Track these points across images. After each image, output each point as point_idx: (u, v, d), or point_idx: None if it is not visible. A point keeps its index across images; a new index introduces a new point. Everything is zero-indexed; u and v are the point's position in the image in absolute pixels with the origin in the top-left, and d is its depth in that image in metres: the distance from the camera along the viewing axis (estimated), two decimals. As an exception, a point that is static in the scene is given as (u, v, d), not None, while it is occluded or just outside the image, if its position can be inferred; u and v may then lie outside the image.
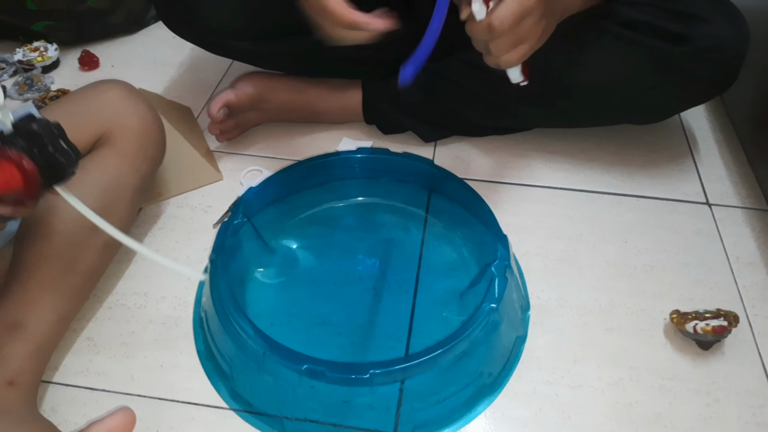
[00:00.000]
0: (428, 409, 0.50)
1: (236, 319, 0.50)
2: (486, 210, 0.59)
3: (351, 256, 0.64)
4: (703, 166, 0.75)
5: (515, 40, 0.49)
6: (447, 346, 0.47)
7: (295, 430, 0.50)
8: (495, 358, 0.53)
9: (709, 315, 0.55)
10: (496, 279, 0.51)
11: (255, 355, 0.48)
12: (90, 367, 0.56)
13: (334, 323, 0.58)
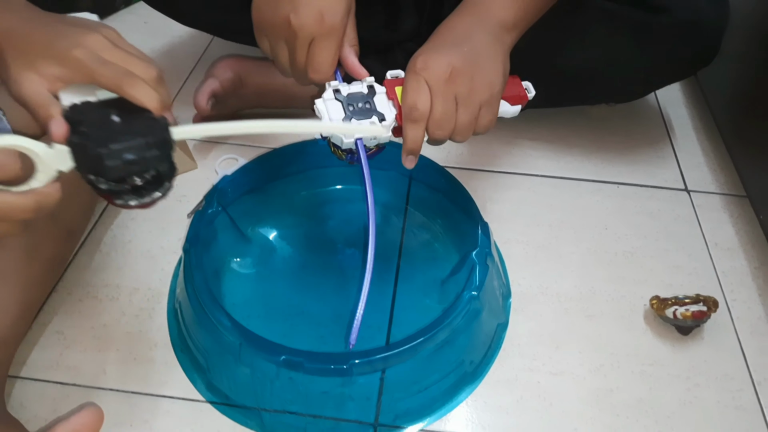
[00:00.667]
0: (409, 399, 0.50)
1: (211, 311, 0.48)
2: (466, 198, 0.58)
3: (330, 246, 0.63)
4: (681, 153, 0.75)
5: (446, 127, 0.44)
6: (427, 335, 0.46)
7: (274, 423, 0.49)
8: (476, 346, 0.53)
9: (688, 300, 0.55)
10: (476, 267, 0.51)
11: (231, 348, 0.47)
12: (60, 361, 0.54)
13: (313, 314, 0.57)
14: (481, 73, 0.44)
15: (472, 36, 0.46)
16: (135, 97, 0.35)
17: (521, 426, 0.50)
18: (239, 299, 0.58)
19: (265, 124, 0.40)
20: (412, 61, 0.45)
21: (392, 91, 0.46)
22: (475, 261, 0.51)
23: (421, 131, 0.45)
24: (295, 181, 0.66)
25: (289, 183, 0.66)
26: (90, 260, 0.62)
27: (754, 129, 0.71)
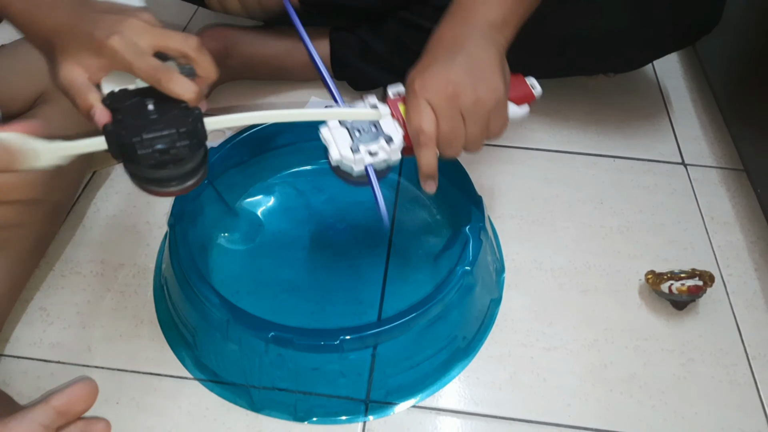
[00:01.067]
0: (401, 375, 0.49)
1: (198, 287, 0.47)
2: (460, 171, 0.57)
3: (320, 221, 0.61)
4: (678, 126, 0.74)
5: (457, 144, 0.43)
6: (420, 310, 0.45)
7: (263, 399, 0.48)
8: (469, 321, 0.52)
9: (684, 275, 0.54)
10: (470, 241, 0.50)
11: (219, 324, 0.46)
12: (43, 338, 0.53)
13: (304, 289, 0.56)
14: (482, 81, 0.42)
15: (464, 44, 0.44)
16: (170, 89, 0.36)
17: (514, 402, 0.49)
18: (227, 275, 0.57)
19: (300, 112, 0.41)
20: (410, 83, 0.43)
21: (396, 110, 0.44)
22: (469, 235, 0.50)
23: (432, 154, 0.43)
24: (283, 155, 0.64)
25: (278, 156, 0.64)
26: (73, 235, 0.60)
27: (752, 102, 0.70)
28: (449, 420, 0.48)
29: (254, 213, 0.62)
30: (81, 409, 0.40)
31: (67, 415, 0.39)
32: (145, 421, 0.48)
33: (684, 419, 0.48)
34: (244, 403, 0.49)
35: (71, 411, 0.39)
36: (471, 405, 0.49)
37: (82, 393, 0.40)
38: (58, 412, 0.38)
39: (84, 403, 0.40)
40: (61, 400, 0.39)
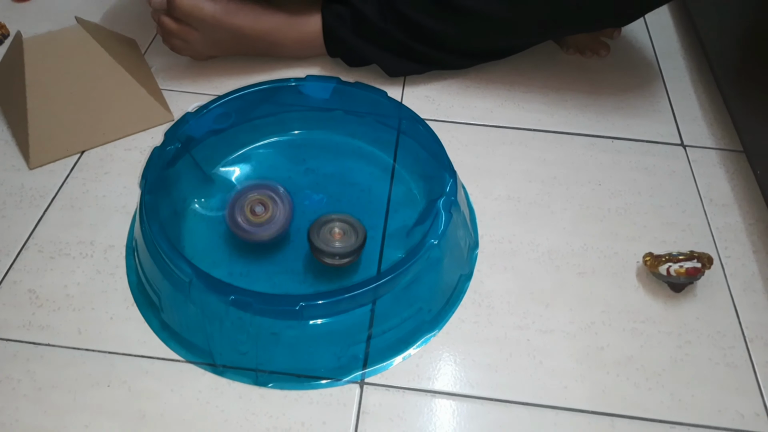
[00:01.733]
0: (362, 345, 0.49)
1: (162, 248, 0.47)
2: (438, 145, 0.56)
3: (298, 191, 0.60)
4: (678, 107, 0.73)
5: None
6: (384, 278, 0.45)
7: (225, 363, 0.48)
8: (435, 294, 0.52)
9: (682, 257, 0.54)
10: (441, 214, 0.49)
11: (181, 286, 0.46)
12: (32, 321, 0.52)
13: (275, 260, 0.55)
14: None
15: None
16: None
17: (510, 384, 0.49)
18: (199, 241, 0.56)
19: None
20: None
21: None
22: (440, 208, 0.50)
23: None
24: (263, 125, 0.63)
25: (258, 126, 0.63)
26: (62, 216, 0.59)
27: (752, 83, 0.69)
28: (445, 402, 0.48)
29: (230, 180, 0.61)
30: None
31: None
32: (137, 404, 0.47)
33: (681, 402, 0.48)
34: (207, 367, 0.49)
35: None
36: (467, 387, 0.49)
37: None
38: None
39: None
40: None
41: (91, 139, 0.64)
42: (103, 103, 0.64)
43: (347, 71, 0.74)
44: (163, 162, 0.54)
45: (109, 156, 0.64)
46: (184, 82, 0.73)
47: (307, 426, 0.46)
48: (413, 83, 0.74)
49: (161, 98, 0.69)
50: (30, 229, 0.58)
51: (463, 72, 0.75)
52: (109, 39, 0.70)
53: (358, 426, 0.46)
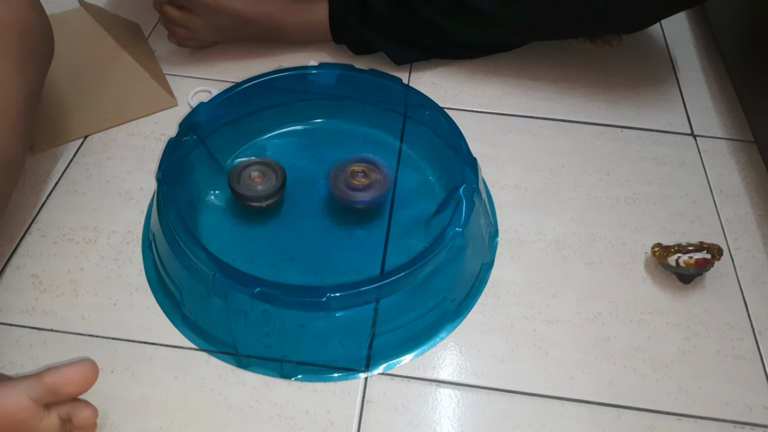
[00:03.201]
0: (389, 334, 0.48)
1: (185, 242, 0.46)
2: (457, 134, 0.55)
3: (312, 182, 0.59)
4: (688, 96, 0.72)
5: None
6: (409, 270, 0.44)
7: (250, 356, 0.48)
8: (459, 283, 0.51)
9: (692, 248, 0.53)
10: (463, 202, 0.49)
11: (205, 279, 0.45)
12: (36, 306, 0.51)
13: (290, 252, 0.54)
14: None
15: None
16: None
17: (517, 374, 0.48)
18: (215, 233, 0.55)
19: None
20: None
21: None
22: (462, 196, 0.49)
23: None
24: (276, 114, 0.62)
25: (270, 116, 0.62)
26: (65, 201, 0.59)
27: (764, 72, 0.68)
28: (451, 392, 0.47)
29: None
30: (73, 392, 0.38)
31: (57, 395, 0.38)
32: (141, 390, 0.47)
33: (688, 393, 0.48)
34: (230, 359, 0.48)
35: (62, 391, 0.38)
36: (473, 377, 0.48)
37: (77, 376, 0.38)
38: (49, 390, 0.37)
39: (77, 386, 0.38)
40: (54, 378, 0.38)
41: (95, 123, 0.64)
42: (106, 88, 0.64)
43: (352, 58, 0.73)
44: (179, 153, 0.53)
45: (112, 141, 0.64)
46: (187, 67, 0.72)
47: (311, 414, 0.46)
48: (420, 70, 0.73)
49: (165, 83, 0.68)
50: (33, 213, 0.57)
51: (471, 59, 0.74)
52: (113, 23, 0.69)
53: (362, 415, 0.46)
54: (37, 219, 0.57)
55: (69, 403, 0.39)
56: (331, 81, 0.61)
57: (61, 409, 0.39)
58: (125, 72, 0.64)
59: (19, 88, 0.48)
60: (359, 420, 0.46)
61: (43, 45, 0.51)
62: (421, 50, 0.71)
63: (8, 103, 0.47)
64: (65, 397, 0.38)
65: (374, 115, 0.62)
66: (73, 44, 0.63)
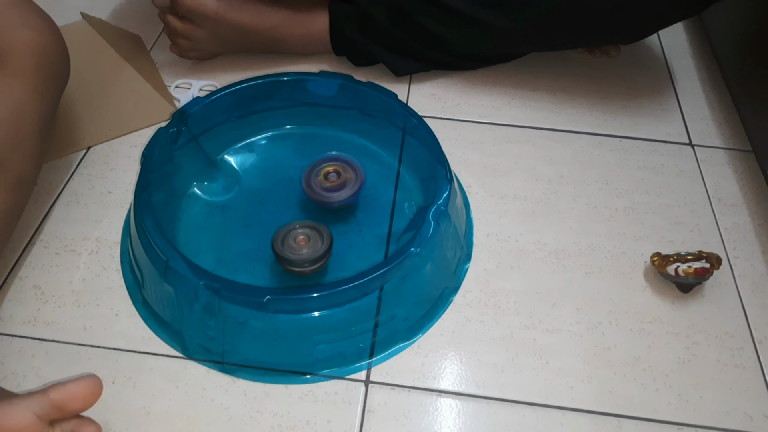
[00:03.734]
0: (332, 344, 0.48)
1: (147, 225, 0.48)
2: (437, 149, 0.55)
3: (298, 185, 0.59)
4: (686, 105, 0.73)
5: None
6: (353, 284, 0.45)
7: (194, 345, 0.49)
8: (412, 304, 0.50)
9: (691, 257, 0.53)
10: (429, 223, 0.49)
11: (159, 265, 0.47)
12: (38, 317, 0.52)
13: (261, 251, 0.55)
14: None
15: None
16: None
17: (516, 384, 0.49)
18: (194, 225, 0.57)
19: None
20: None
21: None
22: (426, 217, 0.49)
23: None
24: (271, 117, 0.63)
25: (266, 117, 0.63)
26: (68, 212, 0.59)
27: (762, 81, 0.68)
28: (451, 401, 0.48)
29: (234, 167, 0.62)
30: (78, 407, 0.38)
31: (62, 411, 0.38)
32: (142, 400, 0.47)
33: (688, 403, 0.48)
34: (177, 347, 0.49)
35: (68, 407, 0.38)
36: (473, 387, 0.48)
37: (83, 391, 0.38)
38: (54, 406, 0.37)
39: (83, 401, 0.39)
40: (60, 394, 0.38)
41: (97, 135, 0.64)
42: (108, 99, 0.64)
43: (352, 69, 0.74)
44: (166, 141, 0.54)
45: (114, 152, 0.64)
46: (189, 78, 0.72)
47: (311, 424, 0.46)
48: (419, 81, 0.74)
49: (167, 94, 0.69)
50: (36, 225, 0.58)
51: (470, 70, 0.75)
52: (115, 35, 0.70)
53: (363, 425, 0.46)
54: (40, 230, 0.57)
55: (73, 419, 0.39)
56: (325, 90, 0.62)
57: (65, 426, 0.39)
58: (128, 83, 0.65)
59: (36, 109, 0.49)
60: (360, 430, 0.46)
61: (60, 68, 0.53)
62: (421, 61, 0.72)
63: (26, 123, 0.48)
64: (70, 413, 0.38)
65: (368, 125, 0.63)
66: (76, 57, 0.63)
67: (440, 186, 0.52)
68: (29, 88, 0.49)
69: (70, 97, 0.63)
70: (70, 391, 0.38)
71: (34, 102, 0.49)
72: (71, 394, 0.38)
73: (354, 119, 0.63)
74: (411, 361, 0.50)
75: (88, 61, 0.63)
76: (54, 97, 0.53)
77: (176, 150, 0.56)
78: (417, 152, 0.59)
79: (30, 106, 0.49)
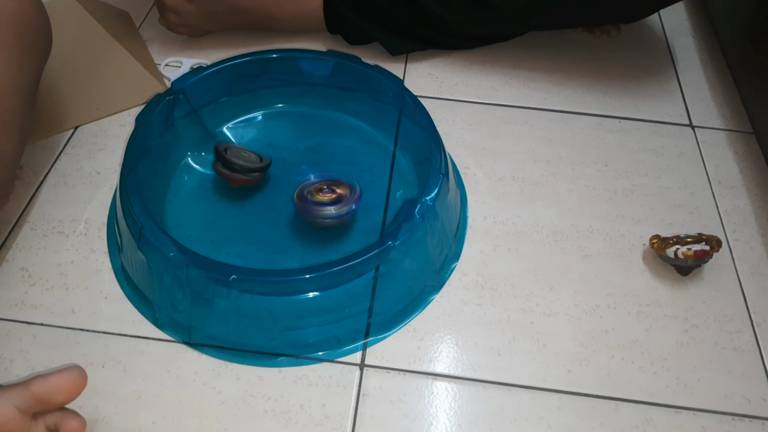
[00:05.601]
0: (300, 330, 0.47)
1: (128, 191, 0.47)
2: (437, 144, 0.53)
3: (295, 168, 0.59)
4: (687, 86, 0.71)
5: None
6: (321, 272, 0.44)
7: (164, 317, 0.49)
8: (388, 299, 0.49)
9: (690, 239, 0.52)
10: (413, 218, 0.47)
11: (134, 232, 0.46)
12: (25, 300, 0.51)
13: (250, 229, 0.54)
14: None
15: None
16: None
17: (513, 367, 0.48)
18: (181, 196, 0.56)
19: None
20: None
21: None
22: (411, 211, 0.47)
23: None
24: (271, 94, 0.62)
25: (268, 94, 0.62)
26: (55, 193, 0.58)
27: (763, 62, 0.67)
28: (447, 385, 0.47)
29: (231, 140, 0.61)
30: (62, 400, 0.37)
31: (45, 404, 0.37)
32: (133, 385, 0.46)
33: (686, 386, 0.47)
34: (149, 316, 0.49)
35: (51, 400, 0.37)
36: (469, 370, 0.48)
37: (66, 384, 0.37)
38: (36, 399, 0.36)
39: (66, 394, 0.38)
40: (42, 387, 0.37)
41: (85, 114, 0.63)
42: (96, 77, 0.63)
43: (346, 48, 0.72)
44: (161, 107, 0.53)
45: (103, 132, 0.63)
46: (179, 56, 0.71)
47: (306, 408, 0.45)
48: (416, 60, 0.72)
49: (156, 72, 0.67)
50: (22, 206, 0.57)
51: (468, 50, 0.73)
52: (103, 12, 0.68)
53: (357, 408, 0.46)
54: (27, 211, 0.56)
55: (57, 412, 0.38)
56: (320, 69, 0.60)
57: (49, 419, 0.38)
58: (116, 61, 0.63)
59: (16, 82, 0.47)
60: (355, 414, 0.45)
61: (40, 40, 0.51)
62: (418, 40, 0.70)
63: (3, 96, 0.46)
64: (53, 406, 0.37)
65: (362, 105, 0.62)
66: (63, 33, 0.61)
67: (432, 178, 0.50)
68: (8, 61, 0.46)
69: (56, 75, 0.61)
70: (53, 384, 0.37)
71: (11, 74, 0.47)
72: (54, 387, 0.37)
73: (349, 100, 0.62)
74: (406, 344, 0.49)
75: (74, 38, 0.62)
76: (35, 70, 0.50)
77: (176, 120, 0.55)
78: (413, 134, 0.58)
79: (8, 78, 0.46)
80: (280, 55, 0.60)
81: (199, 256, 0.44)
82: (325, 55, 0.60)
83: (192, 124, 0.58)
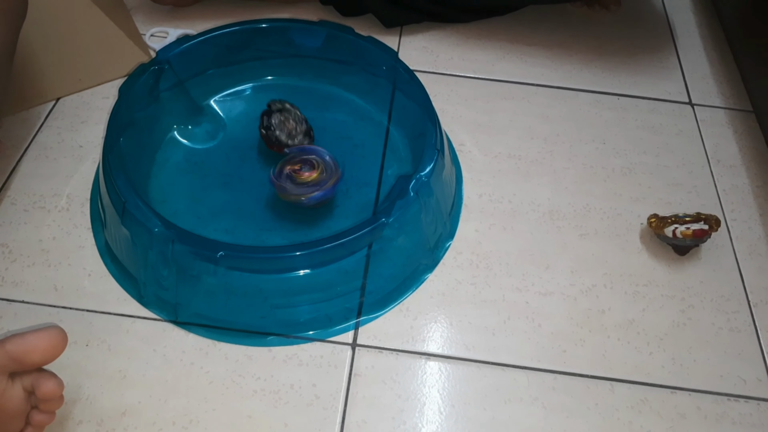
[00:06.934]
0: (290, 309, 0.46)
1: (111, 165, 0.46)
2: (432, 119, 0.51)
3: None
4: (687, 63, 0.70)
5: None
6: (310, 249, 0.42)
7: (149, 295, 0.47)
8: (381, 277, 0.48)
9: (689, 219, 0.51)
10: (407, 195, 0.45)
11: (117, 207, 0.45)
12: (6, 277, 0.49)
13: (236, 202, 0.53)
14: None
15: None
16: None
17: (508, 347, 0.47)
18: (170, 169, 0.55)
19: None
20: None
21: None
22: (405, 188, 0.46)
23: None
24: (263, 66, 0.61)
25: (257, 66, 0.60)
26: (36, 167, 0.56)
27: (764, 40, 0.66)
28: (440, 365, 0.46)
29: (219, 113, 0.59)
30: (38, 360, 0.36)
31: (21, 363, 0.35)
32: (117, 363, 0.45)
33: (682, 366, 0.47)
34: (133, 293, 0.48)
35: (26, 360, 0.35)
36: (463, 350, 0.47)
37: (42, 344, 0.35)
38: (11, 358, 0.35)
39: (42, 354, 0.36)
40: (17, 346, 0.35)
41: (67, 85, 0.60)
42: (78, 47, 0.60)
43: (338, 19, 0.70)
44: (146, 78, 0.52)
45: (85, 104, 0.60)
46: (165, 26, 0.68)
47: (296, 388, 0.44)
48: (411, 33, 0.70)
49: (141, 42, 0.65)
50: (2, 180, 0.54)
51: (464, 23, 0.71)
52: (85, -23, 0.65)
53: (349, 389, 0.45)
54: (7, 186, 0.54)
55: (34, 373, 0.37)
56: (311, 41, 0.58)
57: (26, 380, 0.36)
58: (99, 31, 0.60)
59: None
60: (346, 394, 0.44)
61: (14, 1, 0.47)
62: (413, 12, 0.68)
63: None
64: (30, 366, 0.36)
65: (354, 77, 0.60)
66: (43, 1, 0.59)
67: (427, 153, 0.48)
68: None
69: (36, 45, 0.59)
70: (29, 344, 0.35)
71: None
72: (30, 346, 0.35)
73: (341, 72, 0.60)
74: (399, 323, 0.48)
75: (55, 6, 0.59)
76: (9, 33, 0.47)
77: (161, 92, 0.53)
78: (407, 108, 0.56)
79: None
80: (270, 25, 0.58)
81: (185, 231, 0.43)
82: (316, 26, 0.58)
83: (178, 96, 0.56)
